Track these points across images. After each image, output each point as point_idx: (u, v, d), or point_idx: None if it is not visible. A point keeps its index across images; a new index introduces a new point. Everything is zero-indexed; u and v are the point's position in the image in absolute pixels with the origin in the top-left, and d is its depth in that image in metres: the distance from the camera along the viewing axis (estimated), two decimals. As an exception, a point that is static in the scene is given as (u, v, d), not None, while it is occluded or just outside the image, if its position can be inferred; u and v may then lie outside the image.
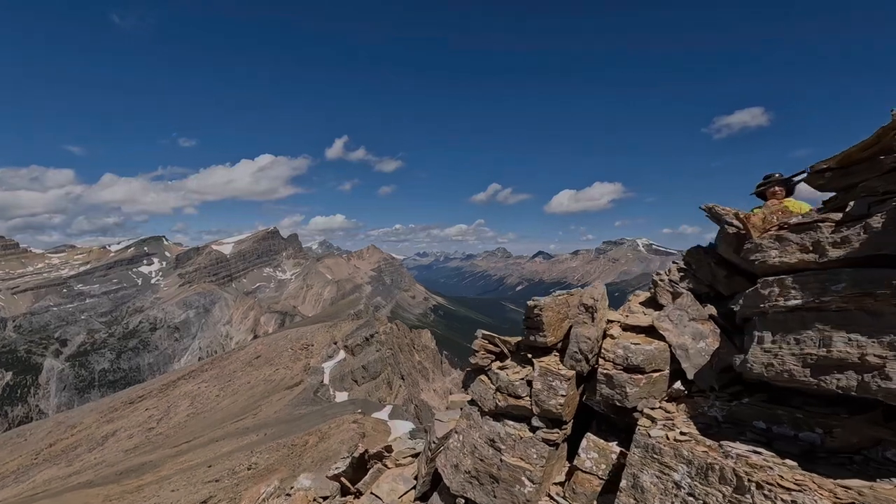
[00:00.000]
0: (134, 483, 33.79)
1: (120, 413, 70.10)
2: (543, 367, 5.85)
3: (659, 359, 5.26)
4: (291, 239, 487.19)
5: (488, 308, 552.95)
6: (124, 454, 49.64)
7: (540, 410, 5.77)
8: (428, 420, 51.07)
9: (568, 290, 7.06)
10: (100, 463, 48.90)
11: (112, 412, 72.23)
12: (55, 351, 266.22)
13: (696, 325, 5.46)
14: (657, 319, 5.65)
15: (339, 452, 24.63)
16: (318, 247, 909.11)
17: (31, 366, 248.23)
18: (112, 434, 60.09)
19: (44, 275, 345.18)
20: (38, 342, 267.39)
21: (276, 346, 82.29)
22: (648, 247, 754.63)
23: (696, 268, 6.57)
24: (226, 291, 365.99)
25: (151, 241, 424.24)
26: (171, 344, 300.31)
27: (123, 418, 66.53)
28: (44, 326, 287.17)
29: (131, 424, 61.85)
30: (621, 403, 5.20)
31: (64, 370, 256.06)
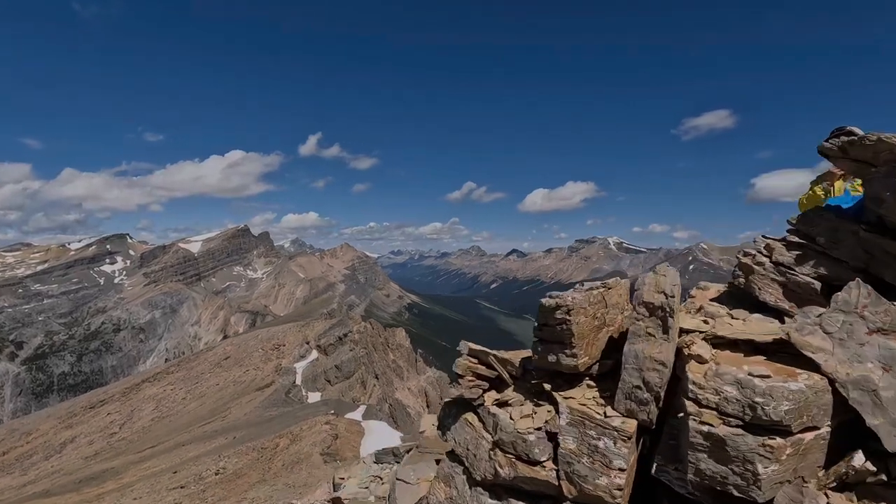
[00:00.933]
0: (94, 491, 32.34)
1: (80, 418, 67.10)
2: (577, 411, 3.35)
3: (814, 407, 2.58)
4: (263, 237, 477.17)
5: (463, 306, 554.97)
6: (84, 461, 47.50)
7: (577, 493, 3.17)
8: (403, 420, 50.69)
9: (604, 283, 4.68)
10: (57, 471, 46.67)
11: (71, 418, 69.08)
12: (10, 354, 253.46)
13: (889, 342, 2.69)
14: (796, 331, 3.00)
15: (310, 455, 24.07)
16: (291, 245, 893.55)
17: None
18: (71, 440, 57.45)
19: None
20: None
21: (246, 346, 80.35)
22: (619, 245, 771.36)
23: (828, 241, 3.85)
24: (194, 291, 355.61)
25: (115, 239, 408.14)
26: (135, 345, 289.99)
27: (83, 424, 63.71)
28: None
29: (92, 430, 59.27)
30: (744, 493, 2.59)
31: (20, 374, 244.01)
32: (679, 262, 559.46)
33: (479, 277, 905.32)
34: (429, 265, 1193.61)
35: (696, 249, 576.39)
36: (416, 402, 72.82)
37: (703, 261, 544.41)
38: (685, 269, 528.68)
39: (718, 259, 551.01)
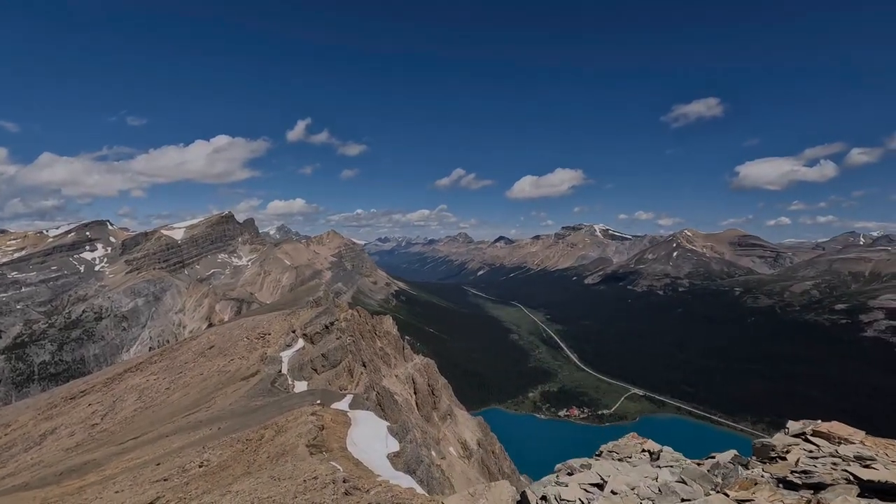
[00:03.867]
0: (75, 484, 31.76)
1: (60, 409, 65.96)
2: None
3: None
4: (248, 224, 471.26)
5: (450, 293, 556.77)
6: (65, 453, 46.72)
7: None
8: (390, 408, 50.68)
9: None
10: (37, 463, 45.85)
11: (51, 409, 67.88)
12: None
13: None
14: None
15: (296, 446, 23.77)
16: (276, 232, 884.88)
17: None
18: (51, 432, 56.47)
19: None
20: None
21: (230, 335, 79.47)
22: (605, 232, 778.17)
23: None
24: (177, 278, 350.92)
25: (95, 226, 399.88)
26: (118, 334, 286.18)
27: (64, 415, 62.63)
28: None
29: (73, 421, 58.29)
30: None
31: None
32: (663, 249, 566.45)
33: (467, 264, 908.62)
34: (416, 252, 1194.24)
35: (681, 236, 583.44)
36: (404, 389, 72.96)
37: (686, 248, 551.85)
38: (669, 256, 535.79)
39: (702, 246, 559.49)
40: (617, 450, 10.27)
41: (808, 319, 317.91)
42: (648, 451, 9.85)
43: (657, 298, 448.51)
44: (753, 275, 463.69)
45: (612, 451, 10.30)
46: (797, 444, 8.03)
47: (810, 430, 8.37)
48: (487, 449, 79.84)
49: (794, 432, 8.61)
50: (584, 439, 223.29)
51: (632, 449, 10.06)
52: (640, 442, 10.37)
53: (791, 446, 7.99)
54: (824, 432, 8.09)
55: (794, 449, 7.94)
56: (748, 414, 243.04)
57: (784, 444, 8.10)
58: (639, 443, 10.33)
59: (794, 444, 8.09)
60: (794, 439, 8.27)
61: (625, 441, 10.62)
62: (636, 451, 9.91)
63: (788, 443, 8.12)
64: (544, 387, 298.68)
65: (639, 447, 10.08)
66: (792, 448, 7.92)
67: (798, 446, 8.02)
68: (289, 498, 16.05)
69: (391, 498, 14.06)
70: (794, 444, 8.05)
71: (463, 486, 55.67)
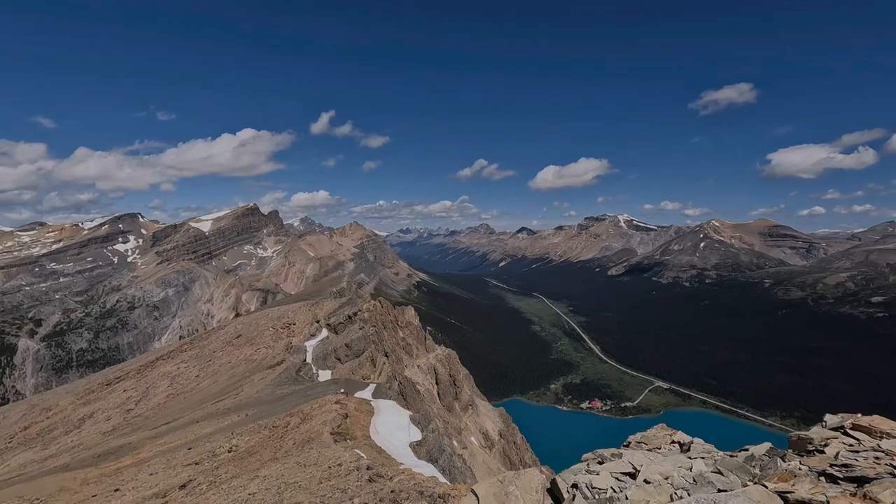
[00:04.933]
0: (112, 466, 33.13)
1: (97, 395, 68.80)
2: None
3: None
4: (272, 216, 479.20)
5: (472, 284, 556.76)
6: (102, 436, 48.77)
7: None
8: (412, 397, 51.20)
9: None
10: (77, 446, 48.00)
11: (89, 394, 70.85)
12: (29, 331, 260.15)
13: None
14: None
15: (321, 434, 24.25)
16: (300, 223, 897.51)
17: (4, 346, 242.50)
18: (89, 416, 59.00)
19: (14, 253, 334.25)
20: (10, 322, 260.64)
21: (257, 325, 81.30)
22: (630, 222, 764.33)
23: None
24: (205, 269, 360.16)
25: (127, 219, 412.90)
26: (150, 323, 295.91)
27: (101, 400, 65.31)
28: (16, 306, 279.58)
29: (109, 406, 60.75)
30: None
31: (40, 350, 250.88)
32: (690, 240, 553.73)
33: (488, 255, 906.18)
34: (437, 243, 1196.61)
35: (708, 227, 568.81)
36: (426, 379, 73.60)
37: (714, 238, 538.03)
38: (696, 247, 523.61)
39: (730, 236, 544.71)
40: (646, 440, 10.09)
41: (842, 312, 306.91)
42: (678, 442, 9.66)
43: (683, 290, 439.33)
44: (785, 266, 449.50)
45: (641, 441, 10.12)
46: (836, 438, 7.80)
47: (849, 423, 8.12)
48: (509, 440, 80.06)
49: (832, 426, 8.36)
50: (606, 432, 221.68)
51: (661, 440, 9.87)
52: (670, 433, 10.15)
53: (829, 440, 7.77)
54: (865, 426, 7.85)
55: (833, 442, 7.73)
56: (777, 408, 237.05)
57: (822, 437, 7.88)
58: (668, 434, 10.12)
59: (832, 437, 7.86)
60: (833, 433, 8.04)
61: (653, 432, 10.42)
62: (665, 443, 9.71)
63: (827, 436, 7.89)
64: (566, 378, 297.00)
65: (668, 438, 9.90)
66: (830, 441, 7.70)
67: (837, 440, 7.81)
68: (314, 483, 16.43)
69: (414, 485, 14.25)
70: (833, 438, 7.82)
71: (484, 475, 56.03)
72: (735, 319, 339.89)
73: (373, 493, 13.91)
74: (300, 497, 15.02)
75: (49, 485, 30.95)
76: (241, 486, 18.60)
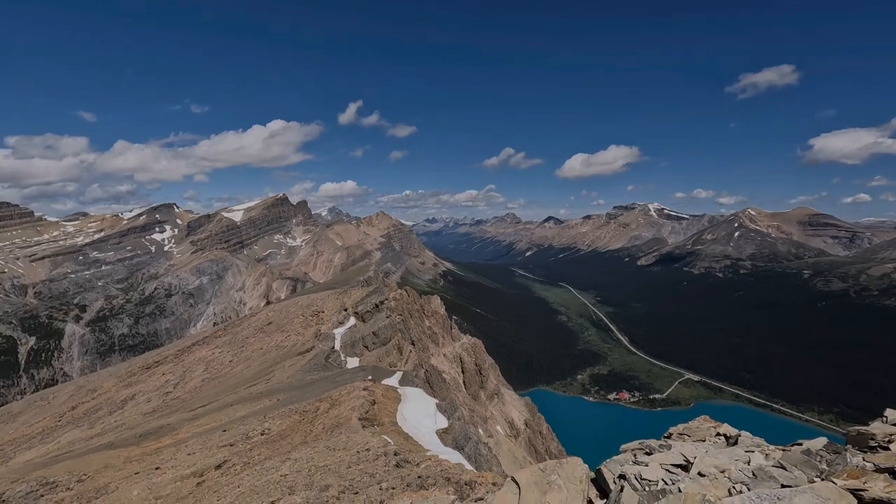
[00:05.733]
0: (153, 445, 34.72)
1: (138, 378, 72.02)
2: None
3: None
4: (301, 206, 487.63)
5: (498, 274, 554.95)
6: (143, 417, 51.10)
7: None
8: (438, 385, 51.67)
9: None
10: (120, 425, 50.45)
11: (130, 377, 74.23)
12: (75, 317, 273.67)
13: None
14: None
15: (349, 419, 24.78)
16: (328, 213, 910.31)
17: (53, 331, 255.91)
18: (131, 398, 61.87)
19: (59, 242, 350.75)
20: (58, 308, 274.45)
21: (287, 312, 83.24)
22: (660, 211, 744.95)
23: None
24: (237, 258, 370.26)
25: (163, 209, 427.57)
26: (186, 310, 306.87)
27: (141, 383, 68.35)
28: (62, 293, 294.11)
29: (149, 389, 63.54)
30: None
31: (85, 335, 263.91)
32: (724, 229, 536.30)
33: (514, 245, 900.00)
34: (463, 233, 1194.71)
35: (743, 216, 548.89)
36: (452, 367, 74.09)
37: (749, 227, 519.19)
38: (730, 237, 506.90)
39: (767, 225, 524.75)
40: (688, 432, 9.62)
41: (888, 305, 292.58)
42: (724, 434, 9.16)
43: (716, 281, 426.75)
44: (825, 256, 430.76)
45: (684, 433, 9.66)
46: None
47: None
48: (535, 429, 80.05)
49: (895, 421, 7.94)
50: (634, 423, 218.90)
51: (705, 432, 9.41)
52: (714, 425, 9.69)
53: (892, 436, 7.34)
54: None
55: None
56: (814, 403, 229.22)
57: (885, 433, 7.44)
58: (712, 426, 9.65)
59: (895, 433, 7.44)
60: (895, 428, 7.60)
61: (696, 423, 9.96)
62: (710, 435, 9.25)
63: (890, 432, 7.46)
64: (593, 369, 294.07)
65: (712, 430, 9.43)
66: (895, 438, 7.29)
67: None
68: (343, 467, 16.83)
69: (441, 472, 14.42)
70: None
71: (510, 464, 56.25)
72: (771, 311, 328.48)
73: (400, 479, 14.15)
74: (330, 480, 15.41)
75: (95, 461, 32.67)
76: (274, 468, 19.22)
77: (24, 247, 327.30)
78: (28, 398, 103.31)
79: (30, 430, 62.45)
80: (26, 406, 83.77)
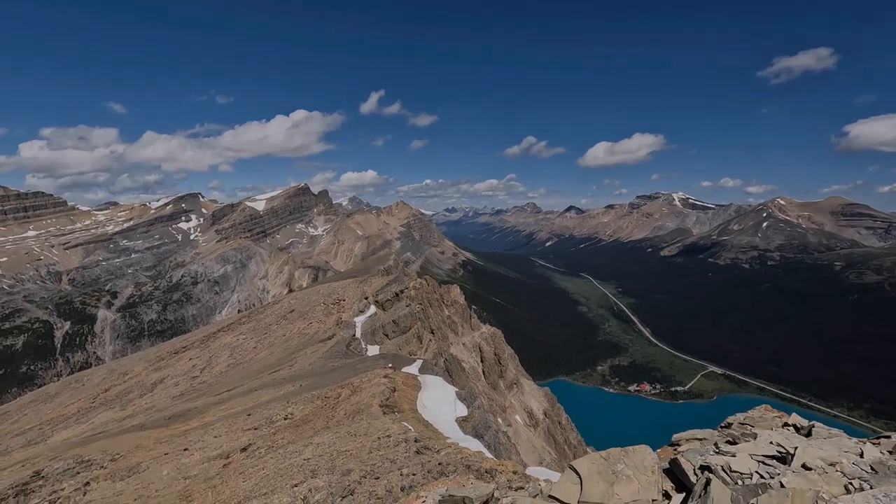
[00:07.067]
0: (181, 427, 35.84)
1: (166, 362, 74.31)
2: None
3: None
4: (322, 195, 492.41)
5: (517, 264, 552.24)
6: (171, 400, 52.76)
7: None
8: (458, 374, 51.90)
9: None
10: (150, 408, 52.22)
11: (159, 361, 76.63)
12: (107, 303, 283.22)
13: None
14: None
15: (370, 406, 25.08)
16: (349, 203, 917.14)
17: (86, 316, 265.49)
18: (160, 381, 63.92)
19: (91, 231, 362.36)
20: (90, 294, 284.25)
21: (309, 300, 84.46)
22: (685, 201, 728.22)
23: None
24: (260, 247, 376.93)
25: (189, 199, 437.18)
26: (212, 297, 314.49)
27: (170, 367, 70.51)
28: (95, 279, 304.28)
29: (177, 373, 65.52)
30: None
31: (116, 320, 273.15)
32: (751, 219, 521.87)
33: (535, 235, 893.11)
34: (483, 222, 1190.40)
35: (772, 205, 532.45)
36: (471, 357, 74.30)
37: (779, 217, 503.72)
38: (758, 227, 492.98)
39: (797, 216, 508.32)
40: (750, 421, 8.63)
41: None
42: (793, 425, 8.12)
43: (742, 272, 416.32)
44: (859, 248, 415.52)
45: (745, 422, 8.69)
46: None
47: None
48: (554, 419, 79.92)
49: None
50: (655, 415, 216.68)
51: (769, 422, 8.42)
52: (778, 415, 8.78)
53: None
54: None
55: None
56: (843, 399, 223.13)
57: None
58: (776, 416, 8.74)
59: None
60: None
61: (759, 413, 9.02)
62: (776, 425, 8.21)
63: None
64: (614, 360, 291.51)
65: (778, 421, 8.44)
66: None
67: None
68: (364, 453, 17.06)
69: (461, 459, 14.48)
70: None
71: (529, 453, 56.37)
72: (800, 304, 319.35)
73: (420, 465, 14.26)
74: (352, 465, 15.64)
75: (127, 442, 33.90)
76: (297, 452, 19.61)
77: (59, 235, 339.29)
78: (64, 380, 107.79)
79: (66, 411, 65.19)
80: (62, 388, 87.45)
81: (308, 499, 13.69)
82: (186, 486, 19.98)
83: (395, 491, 12.37)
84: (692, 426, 9.15)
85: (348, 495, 12.98)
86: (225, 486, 18.11)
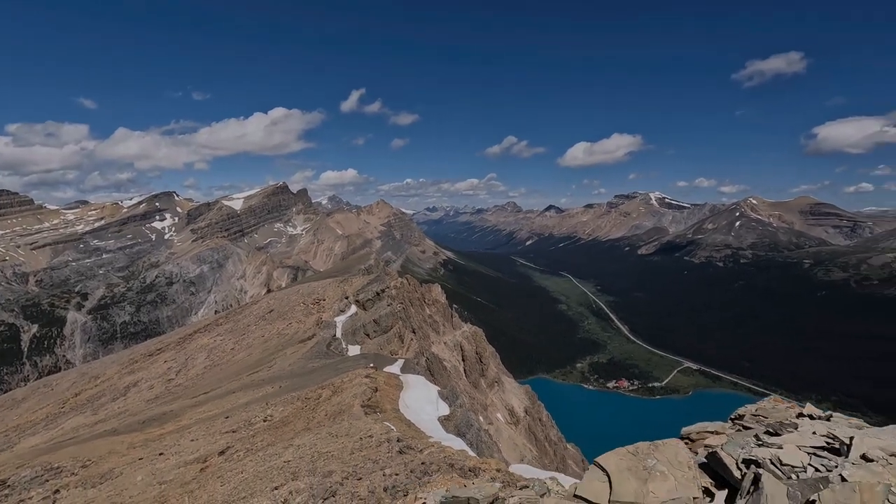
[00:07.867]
0: (156, 432, 34.97)
1: (140, 365, 72.39)
2: None
3: None
4: (301, 194, 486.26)
5: (498, 263, 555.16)
6: (146, 404, 51.44)
7: None
8: (439, 373, 51.90)
9: None
10: (123, 412, 50.81)
11: (133, 364, 74.62)
12: (77, 304, 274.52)
13: None
14: None
15: (352, 406, 24.86)
16: (328, 202, 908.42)
17: (55, 318, 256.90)
18: (134, 385, 62.25)
19: (60, 230, 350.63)
20: (59, 296, 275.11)
21: (288, 300, 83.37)
22: (661, 200, 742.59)
23: None
24: (238, 247, 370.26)
25: (163, 197, 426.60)
26: (187, 298, 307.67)
27: (144, 370, 68.73)
28: (64, 281, 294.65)
29: (152, 376, 63.91)
30: None
31: (87, 322, 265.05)
32: (725, 218, 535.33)
33: (515, 234, 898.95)
34: (464, 221, 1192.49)
35: (745, 205, 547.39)
36: (452, 356, 74.38)
37: (751, 217, 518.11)
38: (731, 226, 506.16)
39: (768, 215, 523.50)
40: (763, 413, 8.14)
41: (888, 294, 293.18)
42: (809, 415, 7.60)
43: (716, 270, 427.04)
44: (826, 246, 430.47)
45: (757, 414, 8.20)
46: None
47: None
48: (535, 416, 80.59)
49: None
50: (632, 411, 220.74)
51: (782, 413, 7.89)
52: (790, 405, 8.24)
53: None
54: None
55: None
56: (812, 392, 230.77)
57: None
58: (788, 406, 8.22)
59: None
60: None
61: (770, 404, 8.45)
62: (790, 416, 7.65)
63: None
64: (593, 358, 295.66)
65: (791, 411, 7.90)
66: None
67: None
68: (346, 454, 16.89)
69: (444, 458, 14.45)
70: None
71: (510, 451, 56.73)
72: (771, 301, 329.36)
73: (403, 465, 14.19)
74: (333, 466, 15.47)
75: (99, 447, 32.90)
76: (277, 454, 19.31)
77: (25, 234, 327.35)
78: (31, 385, 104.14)
79: (34, 417, 62.98)
80: (30, 392, 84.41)
81: (289, 501, 13.48)
82: (162, 492, 19.48)
83: (377, 492, 12.26)
84: (670, 421, 9.14)
85: (330, 497, 12.83)
86: (202, 491, 17.72)
